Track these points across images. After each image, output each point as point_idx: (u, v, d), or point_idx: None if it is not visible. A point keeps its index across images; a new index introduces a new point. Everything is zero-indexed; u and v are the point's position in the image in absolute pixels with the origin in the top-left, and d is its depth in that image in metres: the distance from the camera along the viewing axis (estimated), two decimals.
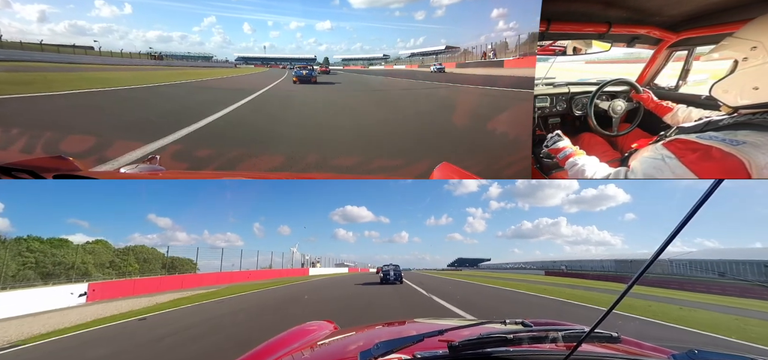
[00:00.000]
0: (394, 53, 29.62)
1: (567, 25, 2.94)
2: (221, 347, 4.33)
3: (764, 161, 1.32)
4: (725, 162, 1.37)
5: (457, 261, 75.31)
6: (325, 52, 31.55)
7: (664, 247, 0.49)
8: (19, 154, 5.74)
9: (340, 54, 31.45)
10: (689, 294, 12.16)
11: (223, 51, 29.79)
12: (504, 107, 10.61)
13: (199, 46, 29.21)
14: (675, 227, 0.47)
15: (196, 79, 19.43)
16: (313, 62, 31.51)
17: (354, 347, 1.09)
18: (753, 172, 1.31)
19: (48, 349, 4.67)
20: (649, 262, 0.52)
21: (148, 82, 15.69)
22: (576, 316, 6.16)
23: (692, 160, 1.45)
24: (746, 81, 1.62)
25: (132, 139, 6.03)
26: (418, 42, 28.96)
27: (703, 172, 1.41)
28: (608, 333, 0.92)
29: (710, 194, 0.45)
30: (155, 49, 27.54)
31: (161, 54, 29.29)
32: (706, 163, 1.41)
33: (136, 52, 27.72)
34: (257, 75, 24.51)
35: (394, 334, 1.18)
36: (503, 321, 1.13)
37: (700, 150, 1.48)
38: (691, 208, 0.45)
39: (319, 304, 8.90)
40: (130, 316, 7.26)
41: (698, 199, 0.45)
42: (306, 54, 30.68)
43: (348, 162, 6.22)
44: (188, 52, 29.32)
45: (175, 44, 28.37)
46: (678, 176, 1.46)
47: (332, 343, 1.22)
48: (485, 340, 0.81)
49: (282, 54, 30.93)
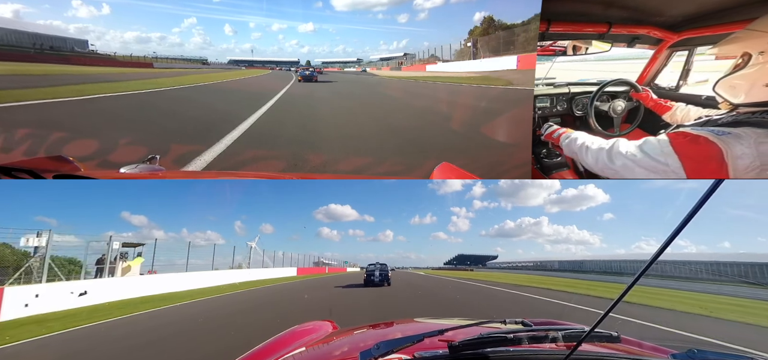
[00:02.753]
0: (365, 56, 30.22)
1: (567, 25, 2.94)
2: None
3: (740, 151, 1.41)
4: (706, 148, 1.47)
5: (457, 258, 73.19)
6: (307, 55, 31.65)
7: (665, 247, 0.49)
8: (123, 151, 5.95)
9: (323, 56, 31.61)
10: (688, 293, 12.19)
11: (203, 52, 29.69)
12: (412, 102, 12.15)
13: (179, 48, 29.14)
14: (675, 227, 0.47)
15: (217, 80, 20.35)
16: (296, 65, 31.85)
17: (354, 347, 1.09)
18: (728, 159, 1.42)
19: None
20: (650, 262, 0.52)
21: (181, 83, 16.75)
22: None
23: (681, 143, 1.54)
24: (749, 80, 1.63)
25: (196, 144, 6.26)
26: (402, 45, 29.63)
27: (685, 156, 1.51)
28: (608, 333, 0.93)
29: (710, 194, 0.45)
30: (147, 52, 27.45)
31: (207, 59, 29.40)
32: (691, 147, 1.52)
33: (127, 53, 27.41)
34: (261, 77, 24.74)
35: (394, 334, 1.18)
36: (503, 321, 1.13)
37: (689, 137, 1.57)
38: (691, 208, 0.45)
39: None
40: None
41: (698, 199, 0.45)
42: (288, 56, 30.74)
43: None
44: (182, 55, 29.22)
45: (153, 45, 28.29)
46: (665, 156, 1.55)
47: (332, 343, 1.22)
48: (485, 340, 0.81)
49: (264, 56, 30.90)
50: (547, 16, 2.81)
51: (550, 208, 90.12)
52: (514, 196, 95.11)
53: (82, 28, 25.60)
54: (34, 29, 23.24)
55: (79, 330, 5.64)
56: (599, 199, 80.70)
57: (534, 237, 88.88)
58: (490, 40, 19.04)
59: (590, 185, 71.51)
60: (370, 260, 15.98)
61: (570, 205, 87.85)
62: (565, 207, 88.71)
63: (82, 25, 25.94)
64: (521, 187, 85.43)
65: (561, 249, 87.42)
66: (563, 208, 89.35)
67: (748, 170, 1.39)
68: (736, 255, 19.68)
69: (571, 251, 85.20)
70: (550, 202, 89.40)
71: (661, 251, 0.50)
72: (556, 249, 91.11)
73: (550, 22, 2.85)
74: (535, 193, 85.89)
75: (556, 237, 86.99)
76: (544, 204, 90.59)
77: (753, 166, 1.39)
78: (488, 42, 19.13)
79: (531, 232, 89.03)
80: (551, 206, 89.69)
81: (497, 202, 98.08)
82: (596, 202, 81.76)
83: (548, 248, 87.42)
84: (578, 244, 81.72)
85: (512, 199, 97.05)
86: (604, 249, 74.40)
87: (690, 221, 0.46)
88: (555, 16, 2.82)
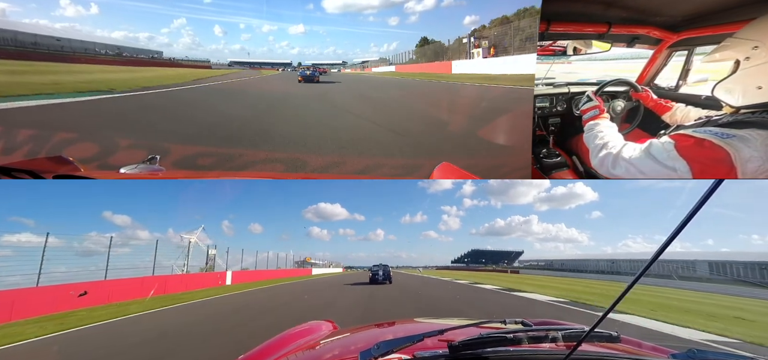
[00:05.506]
0: (357, 58, 31.43)
1: (567, 25, 2.93)
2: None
3: (748, 154, 1.41)
4: (713, 152, 1.46)
5: (471, 254, 64.45)
6: (297, 56, 32.02)
7: (665, 246, 0.49)
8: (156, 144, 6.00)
9: (313, 58, 32.08)
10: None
11: (191, 53, 29.85)
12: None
13: (167, 48, 29.28)
14: (675, 227, 0.47)
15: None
16: (289, 66, 32.26)
17: (354, 347, 1.09)
18: (737, 163, 1.41)
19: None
20: (650, 262, 0.52)
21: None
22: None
23: (685, 146, 1.54)
24: (748, 81, 1.63)
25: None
26: (392, 47, 31.03)
27: (693, 160, 1.50)
28: (608, 333, 0.92)
29: (711, 194, 0.45)
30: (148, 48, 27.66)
31: (209, 61, 29.79)
32: (697, 151, 1.51)
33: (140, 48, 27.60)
34: (269, 77, 25.04)
35: (394, 334, 1.18)
36: (503, 321, 1.12)
37: (693, 140, 1.56)
38: (691, 208, 0.45)
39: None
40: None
41: (699, 199, 0.45)
42: (278, 58, 31.11)
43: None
44: (186, 57, 29.40)
45: (141, 45, 28.41)
46: (672, 161, 1.55)
47: (332, 343, 1.22)
48: (485, 340, 0.81)
49: (254, 57, 31.20)
50: (546, 16, 2.81)
51: (539, 206, 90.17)
52: (504, 194, 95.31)
53: (69, 27, 25.62)
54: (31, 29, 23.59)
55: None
56: (588, 197, 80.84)
57: (524, 235, 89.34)
58: (426, 51, 26.84)
59: (579, 183, 71.63)
60: (361, 260, 16.76)
61: (559, 204, 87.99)
62: (555, 205, 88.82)
63: (68, 24, 25.92)
64: (511, 185, 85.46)
65: (550, 247, 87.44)
66: (552, 206, 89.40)
67: (757, 173, 1.38)
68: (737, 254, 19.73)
69: (560, 249, 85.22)
70: (540, 200, 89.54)
71: (661, 251, 0.50)
72: (545, 247, 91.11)
73: (550, 22, 2.84)
74: (525, 191, 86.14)
75: (546, 235, 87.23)
76: (533, 202, 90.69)
77: (763, 169, 1.38)
78: (424, 52, 27.01)
79: (521, 230, 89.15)
80: (541, 204, 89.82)
81: (487, 201, 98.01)
82: (585, 200, 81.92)
83: (538, 246, 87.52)
84: (566, 242, 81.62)
85: (502, 197, 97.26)
86: (592, 245, 74.22)
87: (690, 221, 0.46)
88: (555, 16, 2.82)
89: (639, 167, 1.64)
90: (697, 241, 26.94)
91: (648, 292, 10.91)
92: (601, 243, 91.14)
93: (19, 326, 5.98)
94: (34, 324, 6.13)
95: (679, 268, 19.53)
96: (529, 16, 17.60)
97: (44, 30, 22.72)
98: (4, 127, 6.57)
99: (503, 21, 19.68)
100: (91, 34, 24.79)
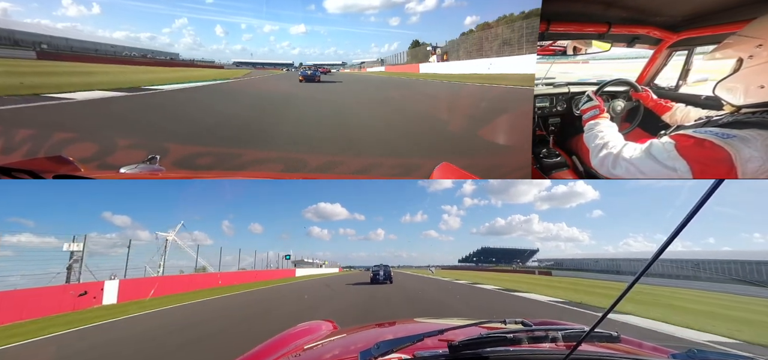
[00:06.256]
0: (356, 58, 32.19)
1: (567, 25, 2.93)
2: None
3: (749, 154, 1.41)
4: (714, 152, 1.47)
5: (481, 252, 61.02)
6: (298, 56, 32.31)
7: (665, 246, 0.49)
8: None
9: (314, 58, 32.41)
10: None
11: (192, 53, 29.95)
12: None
13: (168, 48, 29.37)
14: (675, 227, 0.47)
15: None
16: (291, 66, 32.55)
17: (354, 347, 1.09)
18: (738, 163, 1.42)
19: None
20: (650, 262, 0.52)
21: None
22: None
23: (685, 146, 1.54)
24: (748, 80, 1.63)
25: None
26: (393, 47, 31.83)
27: (693, 160, 1.51)
28: (608, 333, 0.92)
29: (711, 194, 0.45)
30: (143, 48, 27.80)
31: (214, 61, 30.02)
32: (698, 151, 1.52)
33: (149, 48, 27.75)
34: (270, 77, 25.22)
35: (394, 334, 1.18)
36: (503, 321, 1.12)
37: (693, 140, 1.57)
38: (691, 208, 0.45)
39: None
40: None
41: (699, 199, 0.45)
42: (279, 58, 31.36)
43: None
44: (193, 59, 29.54)
45: (142, 45, 28.49)
46: (672, 161, 1.55)
47: (332, 343, 1.22)
48: (485, 340, 0.81)
49: (255, 58, 31.40)
50: (547, 16, 2.81)
51: (540, 205, 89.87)
52: (504, 193, 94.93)
53: (71, 27, 25.69)
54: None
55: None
56: (589, 196, 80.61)
57: (524, 234, 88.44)
58: (417, 52, 29.03)
59: (579, 182, 71.61)
60: (361, 259, 15.40)
61: (560, 203, 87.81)
62: (555, 204, 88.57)
63: (70, 24, 25.95)
64: (511, 184, 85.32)
65: (551, 246, 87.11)
66: (553, 205, 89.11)
67: (757, 173, 1.39)
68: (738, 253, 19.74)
69: (561, 248, 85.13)
70: (540, 199, 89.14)
71: (662, 251, 0.50)
72: (546, 246, 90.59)
73: (550, 22, 2.84)
74: (526, 190, 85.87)
75: (546, 234, 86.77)
76: (534, 201, 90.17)
77: (763, 169, 1.39)
78: (415, 54, 29.23)
79: (521, 229, 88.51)
80: (541, 203, 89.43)
81: (487, 200, 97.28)
82: (585, 199, 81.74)
83: (538, 245, 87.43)
84: (567, 242, 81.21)
85: (503, 196, 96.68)
86: (593, 245, 74.13)
87: (691, 221, 0.46)
88: (555, 16, 2.82)
89: (639, 167, 1.64)
90: (698, 241, 26.94)
91: (648, 292, 10.92)
92: (601, 242, 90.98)
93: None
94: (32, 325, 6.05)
95: (680, 267, 19.54)
96: (504, 22, 19.96)
97: (55, 31, 22.91)
98: (4, 127, 6.57)
99: (484, 27, 21.88)
100: (92, 34, 24.79)
